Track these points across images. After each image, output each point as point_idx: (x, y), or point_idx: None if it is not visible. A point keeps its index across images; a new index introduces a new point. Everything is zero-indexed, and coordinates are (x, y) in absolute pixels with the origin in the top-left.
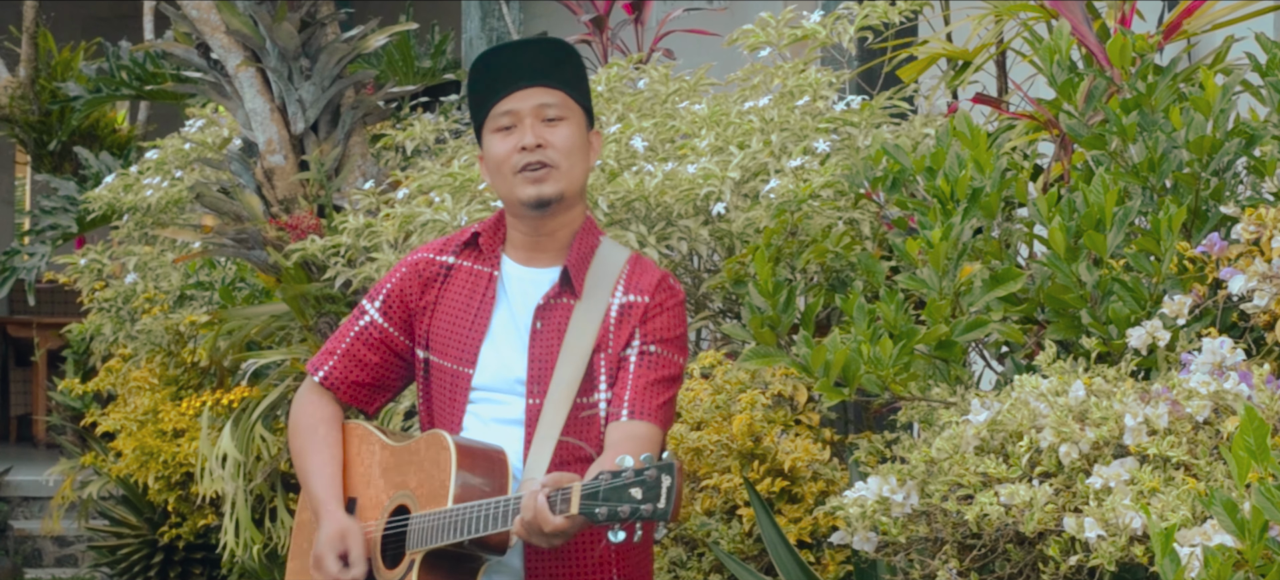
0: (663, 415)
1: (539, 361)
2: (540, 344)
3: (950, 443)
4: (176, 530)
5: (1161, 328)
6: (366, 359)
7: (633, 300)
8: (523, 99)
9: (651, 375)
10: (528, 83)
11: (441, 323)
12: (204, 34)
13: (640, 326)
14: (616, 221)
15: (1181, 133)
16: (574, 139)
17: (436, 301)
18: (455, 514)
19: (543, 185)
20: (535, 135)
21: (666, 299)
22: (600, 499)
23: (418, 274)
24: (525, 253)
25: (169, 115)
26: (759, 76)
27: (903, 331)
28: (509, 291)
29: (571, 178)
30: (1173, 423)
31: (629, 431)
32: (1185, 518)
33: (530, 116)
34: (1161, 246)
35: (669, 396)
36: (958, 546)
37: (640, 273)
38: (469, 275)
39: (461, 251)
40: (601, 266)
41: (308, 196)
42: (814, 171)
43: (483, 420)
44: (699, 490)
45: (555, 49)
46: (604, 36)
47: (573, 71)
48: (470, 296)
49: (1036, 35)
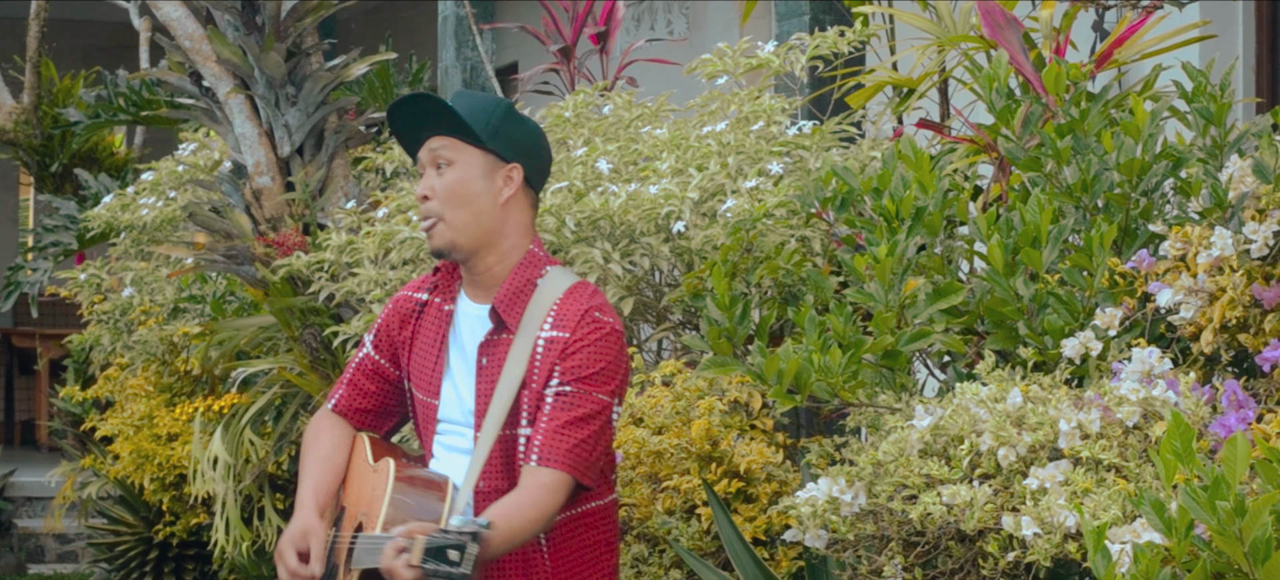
0: (573, 457)
1: (483, 396)
2: (485, 379)
3: (896, 446)
4: (171, 528)
5: (1094, 338)
6: (365, 388)
7: (555, 335)
8: (426, 147)
9: (565, 416)
10: (426, 131)
11: (416, 357)
12: (196, 63)
13: (559, 363)
14: (583, 239)
15: (1112, 156)
16: (458, 183)
17: (413, 337)
18: (375, 542)
19: (431, 239)
20: (424, 186)
21: (588, 334)
22: (429, 556)
23: (398, 311)
24: (471, 289)
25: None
26: (717, 103)
27: (851, 342)
28: (459, 328)
29: (457, 226)
30: (1104, 428)
31: (535, 478)
32: (1116, 517)
33: (428, 164)
34: (1094, 262)
35: (585, 435)
36: (903, 544)
37: (569, 304)
38: (436, 312)
39: (434, 289)
40: (539, 300)
41: (293, 215)
42: (768, 192)
43: (445, 449)
44: (660, 491)
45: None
46: (571, 65)
47: (467, 116)
48: (435, 333)
49: (976, 65)
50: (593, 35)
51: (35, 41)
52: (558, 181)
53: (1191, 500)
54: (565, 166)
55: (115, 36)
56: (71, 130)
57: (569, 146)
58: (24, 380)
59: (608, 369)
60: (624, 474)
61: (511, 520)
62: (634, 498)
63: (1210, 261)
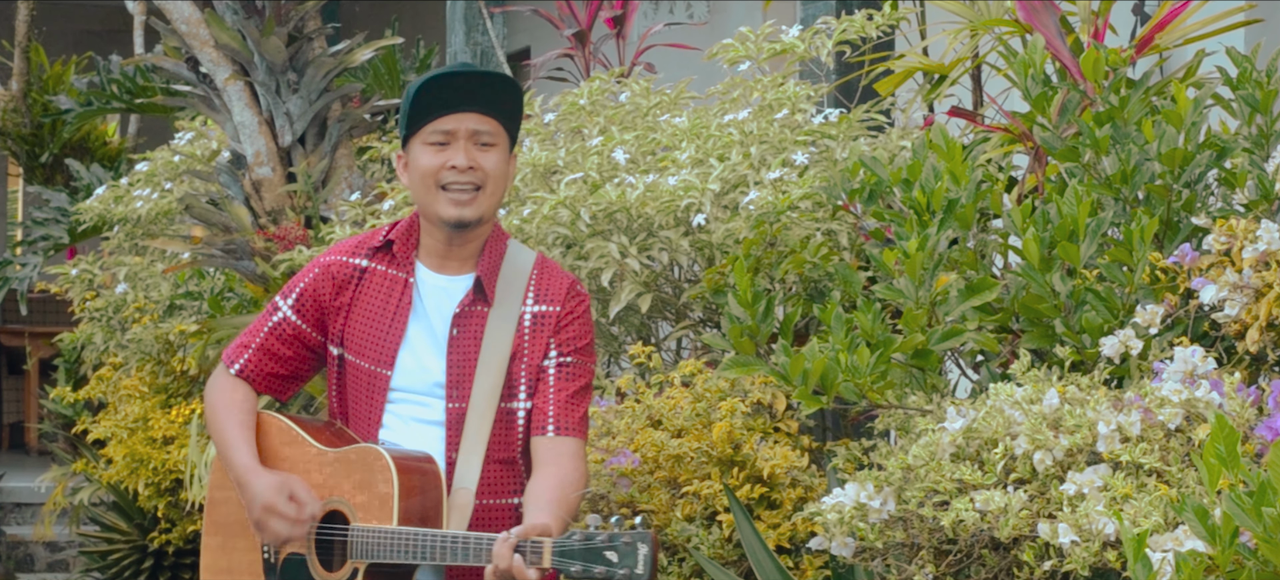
0: (584, 427)
1: (457, 367)
2: (458, 350)
3: (926, 450)
4: (166, 536)
5: (1134, 337)
6: (280, 352)
7: (545, 310)
8: (461, 120)
9: (571, 387)
10: (468, 107)
11: (357, 324)
12: (193, 48)
13: (555, 335)
14: (598, 232)
15: (1153, 145)
16: (501, 166)
17: (351, 303)
18: (410, 538)
19: (465, 208)
20: (468, 156)
21: (576, 306)
22: (574, 557)
23: (331, 276)
24: (438, 260)
25: (159, 128)
26: (738, 90)
27: (880, 340)
28: (423, 298)
29: (493, 202)
30: (1145, 430)
31: (558, 449)
32: (1157, 524)
33: (465, 138)
34: (1134, 257)
35: (586, 407)
36: (934, 552)
37: (547, 279)
38: (383, 279)
39: (374, 255)
40: (510, 272)
41: (295, 208)
42: (792, 183)
43: (402, 419)
44: (679, 496)
45: (501, 83)
46: (586, 50)
47: (511, 104)
48: (386, 301)
49: (1011, 49)
50: (609, 19)
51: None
52: (573, 172)
53: (1236, 506)
54: (580, 156)
55: (108, 20)
56: (62, 119)
57: (584, 136)
58: (12, 381)
59: (592, 342)
60: (642, 479)
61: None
62: (652, 504)
63: (1256, 256)
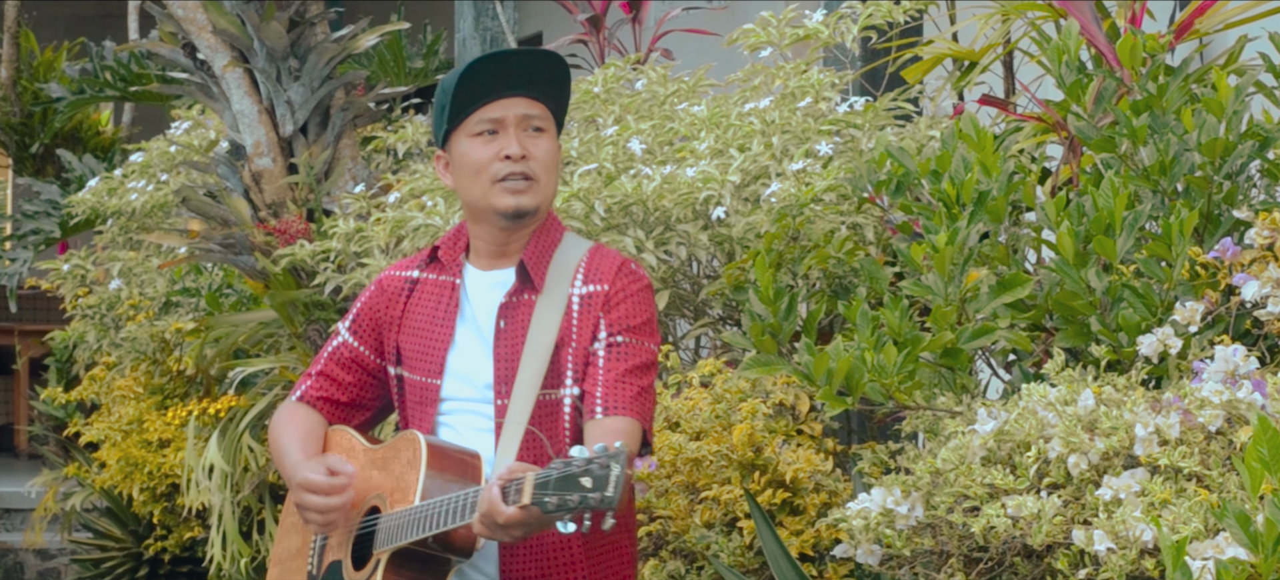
0: (639, 406)
1: (505, 361)
2: (505, 343)
3: (956, 453)
4: (162, 543)
5: (1173, 335)
6: (340, 378)
7: (593, 290)
8: (508, 107)
9: (622, 366)
10: (515, 91)
11: (409, 337)
12: (190, 33)
13: (604, 316)
14: (613, 226)
15: (1193, 135)
16: (553, 152)
17: (403, 316)
18: (419, 511)
19: (522, 197)
20: (520, 145)
21: (629, 284)
22: (551, 488)
23: (384, 291)
24: (488, 259)
25: (154, 117)
26: (760, 77)
27: (907, 339)
28: (471, 297)
29: (548, 191)
30: (1184, 433)
31: (606, 428)
32: (1197, 530)
33: (514, 125)
34: (1173, 252)
35: (644, 384)
36: (964, 560)
37: (599, 260)
38: (433, 288)
39: (426, 267)
40: (562, 259)
41: (297, 200)
42: (816, 175)
43: (456, 430)
44: (698, 502)
45: (548, 62)
46: (601, 36)
47: (560, 86)
48: (435, 308)
49: (1044, 35)
50: (624, 3)
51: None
52: (587, 163)
53: None
54: (594, 147)
55: (102, 5)
56: (53, 107)
57: (598, 125)
58: (1, 381)
59: (651, 321)
60: (659, 484)
61: None
62: (670, 510)
63: None
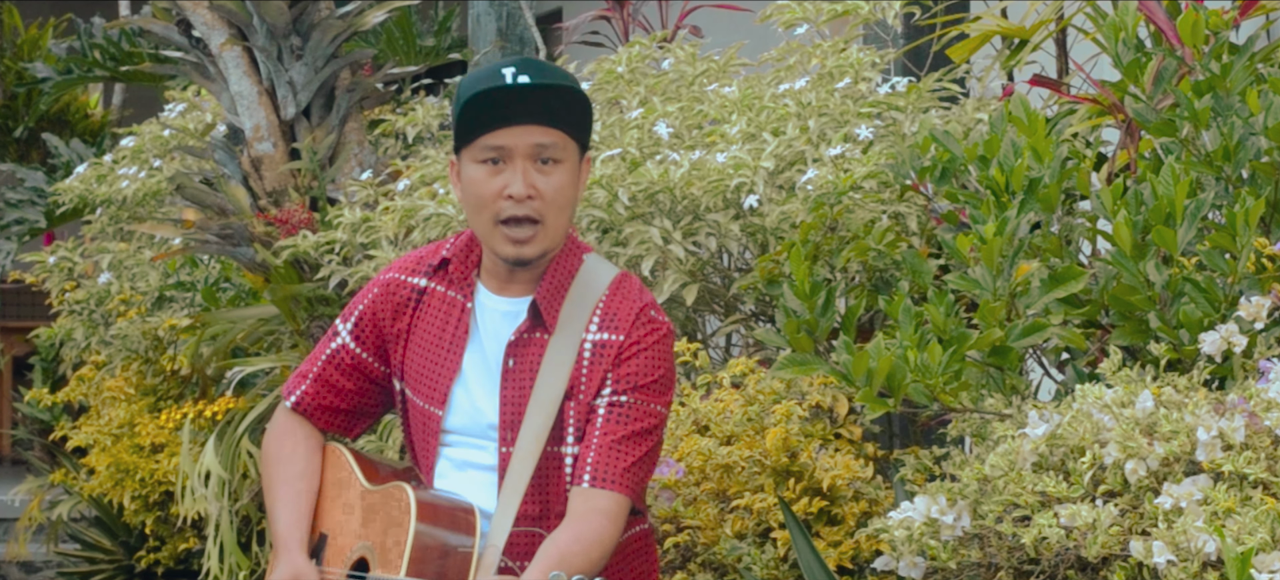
0: (631, 478)
1: (511, 404)
2: (512, 385)
3: (1005, 459)
4: (155, 555)
5: (1238, 332)
6: (340, 384)
7: (607, 339)
8: (518, 136)
9: (620, 431)
10: (526, 120)
11: (415, 355)
12: (185, 9)
13: (613, 370)
14: (638, 215)
15: (1259, 118)
16: (566, 187)
17: (409, 330)
18: None
19: (524, 248)
20: (526, 183)
21: (644, 336)
22: None
23: (390, 297)
24: (499, 282)
25: (147, 99)
26: (795, 56)
27: (953, 336)
28: (481, 325)
29: (557, 233)
30: (1250, 437)
31: (590, 504)
32: (1263, 541)
33: (523, 156)
34: (1237, 243)
35: (642, 453)
36: (1013, 573)
37: (618, 303)
38: (442, 303)
39: (434, 274)
40: (579, 294)
41: (299, 188)
42: (855, 161)
43: (456, 465)
44: (729, 511)
45: (563, 91)
46: (625, 12)
47: (579, 112)
48: (443, 328)
49: (1100, 11)
50: None
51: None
52: (610, 148)
53: None
54: (618, 131)
55: None
56: (39, 88)
57: (623, 107)
58: None
59: (665, 378)
60: (687, 491)
61: (577, 561)
62: (699, 519)
63: None
